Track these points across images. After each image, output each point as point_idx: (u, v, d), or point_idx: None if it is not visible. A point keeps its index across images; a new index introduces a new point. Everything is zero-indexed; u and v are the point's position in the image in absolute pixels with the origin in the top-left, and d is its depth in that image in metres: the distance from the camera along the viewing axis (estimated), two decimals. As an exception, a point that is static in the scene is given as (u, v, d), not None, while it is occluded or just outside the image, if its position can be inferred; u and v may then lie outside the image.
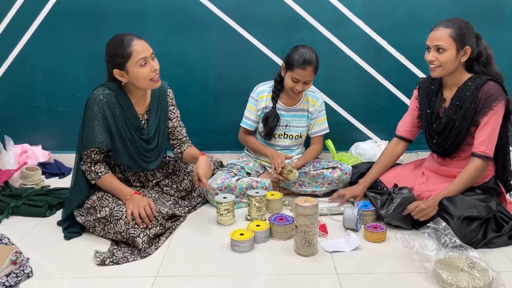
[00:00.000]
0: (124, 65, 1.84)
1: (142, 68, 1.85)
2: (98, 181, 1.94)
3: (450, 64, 1.88)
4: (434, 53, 1.88)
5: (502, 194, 2.02)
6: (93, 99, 1.88)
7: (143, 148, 2.03)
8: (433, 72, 1.93)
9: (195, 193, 2.28)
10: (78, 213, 1.93)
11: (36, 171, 2.57)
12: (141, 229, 1.78)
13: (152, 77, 1.88)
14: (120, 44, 1.83)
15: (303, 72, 2.17)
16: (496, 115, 1.86)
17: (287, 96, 2.38)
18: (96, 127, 1.87)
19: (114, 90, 1.92)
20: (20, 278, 1.56)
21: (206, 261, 1.71)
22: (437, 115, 2.01)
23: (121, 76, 1.87)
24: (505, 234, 1.78)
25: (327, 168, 2.33)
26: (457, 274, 1.48)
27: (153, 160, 2.10)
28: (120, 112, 1.92)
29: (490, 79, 1.90)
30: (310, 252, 1.72)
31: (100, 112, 1.87)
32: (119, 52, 1.83)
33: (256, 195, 2.04)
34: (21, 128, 2.88)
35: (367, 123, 2.86)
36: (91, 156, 1.91)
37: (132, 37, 1.85)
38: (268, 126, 2.36)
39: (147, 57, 1.86)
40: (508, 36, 2.67)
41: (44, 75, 2.80)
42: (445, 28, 1.87)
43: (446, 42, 1.85)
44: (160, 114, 2.10)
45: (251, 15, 2.69)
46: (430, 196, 1.96)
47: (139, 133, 2.00)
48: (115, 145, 1.93)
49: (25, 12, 2.70)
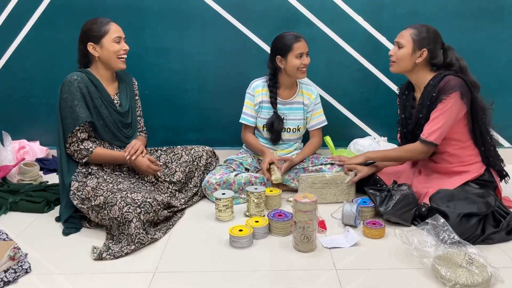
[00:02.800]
0: (100, 39, 2.02)
1: (116, 44, 2.05)
2: (91, 156, 2.02)
3: (404, 61, 2.00)
4: (395, 48, 2.04)
5: (497, 188, 2.03)
6: (68, 82, 2.00)
7: (120, 122, 2.14)
8: (390, 67, 2.09)
9: (191, 184, 2.29)
10: (73, 198, 1.94)
11: (34, 166, 2.57)
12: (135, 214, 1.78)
13: (120, 55, 2.06)
14: (100, 22, 2.04)
15: (301, 43, 2.27)
16: (445, 106, 1.91)
17: (282, 89, 2.40)
18: (77, 106, 1.97)
19: (84, 72, 2.05)
20: (19, 273, 1.56)
21: (205, 257, 1.71)
22: (409, 118, 2.09)
23: (93, 49, 2.03)
24: (503, 230, 1.79)
25: (326, 164, 2.33)
26: (456, 270, 1.49)
27: (131, 136, 2.21)
28: (94, 89, 2.05)
29: (449, 74, 1.94)
30: (309, 248, 1.72)
31: (77, 91, 1.98)
32: (97, 28, 2.02)
33: (255, 191, 2.04)
34: (19, 124, 2.87)
35: (366, 119, 2.86)
36: (77, 135, 1.99)
37: (109, 19, 2.07)
38: (275, 131, 2.40)
39: (122, 37, 2.07)
40: (507, 33, 2.66)
41: (41, 71, 2.79)
42: (410, 29, 2.01)
43: (405, 39, 1.99)
44: (130, 96, 2.23)
45: (250, 10, 2.68)
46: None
47: (113, 107, 2.11)
48: (95, 120, 2.03)
49: (22, 7, 2.69)
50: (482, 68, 2.67)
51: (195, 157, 2.33)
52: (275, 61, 2.32)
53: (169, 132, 2.87)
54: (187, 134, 2.89)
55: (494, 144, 2.03)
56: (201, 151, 2.37)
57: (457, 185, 1.95)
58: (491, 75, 2.70)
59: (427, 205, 1.88)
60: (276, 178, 2.23)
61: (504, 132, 2.84)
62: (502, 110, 2.71)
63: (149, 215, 1.83)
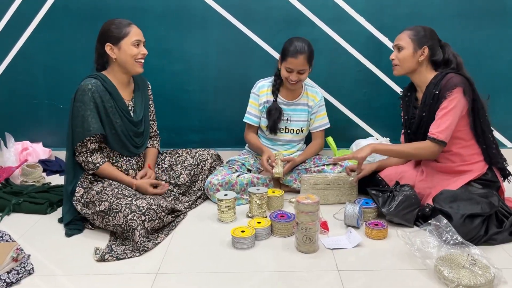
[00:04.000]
0: (119, 41, 1.99)
1: (135, 48, 2.01)
2: (98, 170, 2.00)
3: (407, 62, 2.01)
4: (395, 52, 2.06)
5: (500, 187, 2.03)
6: (82, 90, 1.96)
7: (132, 131, 2.11)
8: (394, 70, 2.08)
9: (195, 187, 2.29)
10: (77, 204, 1.93)
11: (37, 168, 2.57)
12: (140, 221, 1.78)
13: (138, 58, 2.03)
14: (120, 23, 2.01)
15: (295, 60, 2.21)
16: (450, 103, 1.90)
17: (287, 90, 2.41)
18: (89, 117, 1.94)
19: (100, 79, 2.02)
20: (21, 275, 1.56)
21: (207, 258, 1.71)
22: (412, 118, 2.08)
23: (111, 51, 2.00)
24: (505, 230, 1.78)
25: (328, 165, 2.33)
26: (459, 271, 1.48)
27: (141, 145, 2.20)
28: (109, 98, 2.02)
29: (450, 72, 1.95)
30: (311, 249, 1.72)
31: (91, 101, 1.96)
32: (118, 29, 1.99)
33: (257, 192, 2.04)
34: (21, 125, 2.88)
35: (368, 120, 2.86)
36: (86, 145, 1.97)
37: (130, 21, 2.04)
38: (272, 119, 2.38)
39: (141, 41, 2.04)
40: (509, 33, 2.66)
41: (44, 72, 2.80)
42: (406, 30, 2.04)
43: (404, 41, 2.01)
44: (144, 102, 2.21)
45: (252, 11, 2.68)
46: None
47: (128, 116, 2.08)
48: (106, 130, 2.00)
49: (25, 9, 2.70)
50: (484, 68, 2.66)
51: (200, 161, 2.33)
52: (278, 59, 2.34)
53: (172, 133, 2.88)
54: (190, 135, 2.90)
55: (496, 142, 2.02)
56: (206, 154, 2.37)
57: (460, 185, 1.94)
58: (493, 75, 2.69)
59: (431, 206, 1.88)
60: (277, 172, 2.22)
61: (506, 132, 2.83)
62: (504, 110, 2.71)
63: (154, 222, 1.83)
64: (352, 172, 2.19)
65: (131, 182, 2.07)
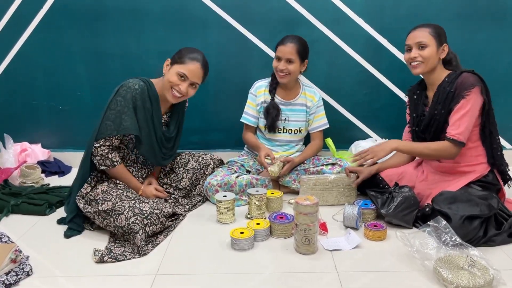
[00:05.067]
0: (174, 64, 2.01)
1: (177, 78, 2.00)
2: (112, 169, 1.99)
3: (432, 59, 1.97)
4: (416, 50, 1.99)
5: (501, 190, 2.03)
6: (128, 87, 1.95)
7: (162, 143, 2.11)
8: (416, 69, 2.01)
9: (195, 192, 2.28)
10: (80, 200, 1.93)
11: (35, 169, 2.57)
12: (142, 225, 1.78)
13: (174, 87, 2.00)
14: (191, 52, 2.03)
15: (284, 47, 2.25)
16: (468, 102, 1.90)
17: (284, 90, 2.42)
18: (125, 114, 1.93)
19: (147, 84, 2.01)
20: (20, 276, 1.56)
21: (206, 259, 1.71)
22: (421, 116, 2.07)
23: (166, 66, 2.05)
24: (504, 232, 1.78)
25: (327, 165, 2.34)
26: (458, 273, 1.48)
27: (168, 158, 2.20)
28: (149, 105, 2.00)
29: (465, 71, 1.96)
30: (310, 250, 1.72)
31: (132, 100, 1.94)
32: (183, 54, 2.01)
33: (256, 193, 2.04)
34: (20, 126, 2.88)
35: (367, 121, 2.86)
36: (111, 141, 1.96)
37: (200, 60, 2.04)
38: (270, 117, 2.38)
39: (189, 78, 2.01)
40: (508, 34, 2.67)
41: (43, 73, 2.80)
42: (424, 27, 2.00)
43: (427, 38, 1.97)
44: (179, 120, 2.22)
45: (251, 13, 2.68)
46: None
47: (161, 129, 2.08)
48: (141, 133, 1.98)
49: (24, 10, 2.70)
50: (484, 69, 2.63)
51: (202, 165, 2.32)
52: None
53: (171, 135, 2.88)
54: (189, 137, 2.89)
55: (500, 145, 2.03)
56: (209, 159, 2.36)
57: (460, 186, 1.94)
58: (493, 76, 2.69)
59: (431, 206, 1.87)
60: (272, 171, 2.21)
61: (506, 134, 2.83)
62: (504, 112, 2.71)
63: (155, 226, 1.83)
64: (352, 173, 2.19)
65: (138, 187, 2.07)
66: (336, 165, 2.33)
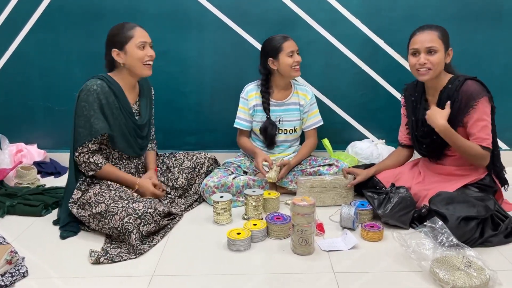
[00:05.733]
0: (124, 45, 1.97)
1: (140, 50, 1.99)
2: (99, 171, 1.98)
3: (440, 65, 1.91)
4: (425, 55, 1.89)
5: (498, 191, 2.04)
6: (87, 90, 1.94)
7: (136, 133, 2.11)
8: (424, 76, 1.92)
9: (192, 191, 2.28)
10: (73, 206, 1.92)
11: (31, 170, 2.56)
12: (135, 225, 1.77)
13: (146, 61, 2.01)
14: (124, 27, 1.99)
15: (290, 42, 2.30)
16: (480, 111, 1.89)
17: (277, 91, 2.42)
18: (93, 117, 1.93)
19: (105, 80, 2.00)
20: (16, 277, 1.55)
21: (203, 260, 1.70)
22: (422, 121, 2.04)
23: (117, 55, 1.99)
24: (501, 233, 1.78)
25: (324, 166, 2.34)
26: (454, 273, 1.48)
27: (144, 147, 2.22)
28: (114, 99, 2.00)
29: (468, 78, 1.93)
30: (307, 251, 1.72)
31: (95, 102, 1.94)
32: (122, 33, 1.97)
33: (253, 194, 2.04)
34: (16, 127, 2.86)
35: (364, 122, 2.87)
36: (88, 146, 1.96)
37: (135, 24, 2.02)
38: (269, 136, 2.40)
39: (147, 42, 2.01)
40: (505, 35, 2.67)
41: (39, 74, 2.79)
42: (432, 30, 1.90)
43: (437, 43, 1.88)
44: (149, 106, 2.22)
45: (248, 13, 2.68)
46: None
47: (132, 118, 2.08)
48: (112, 130, 1.99)
49: (20, 10, 2.69)
50: (480, 71, 2.65)
51: (197, 164, 2.33)
52: (267, 64, 2.33)
53: (167, 135, 2.87)
54: (185, 137, 2.89)
55: (499, 151, 2.03)
56: (203, 158, 2.36)
57: (457, 188, 1.95)
58: (489, 77, 2.68)
59: (427, 206, 1.88)
60: (270, 177, 2.21)
61: (502, 135, 2.84)
62: (499, 113, 2.70)
63: (150, 226, 1.82)
64: (349, 174, 2.19)
65: (133, 181, 2.06)
66: (333, 166, 2.33)
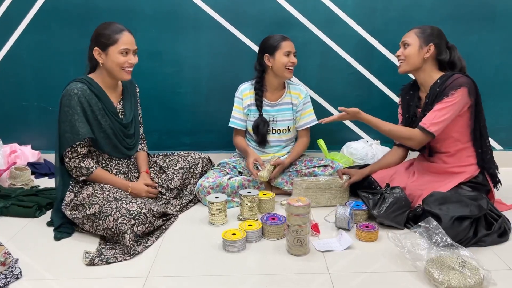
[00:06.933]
0: (107, 47, 1.94)
1: (122, 56, 1.96)
2: (91, 176, 1.97)
3: (412, 58, 2.03)
4: (401, 49, 2.08)
5: (490, 191, 2.05)
6: (68, 95, 1.93)
7: (123, 133, 2.10)
8: (399, 68, 2.09)
9: (187, 191, 2.28)
10: (66, 208, 1.92)
11: (25, 171, 2.55)
12: (129, 225, 1.77)
13: (125, 67, 1.98)
14: (112, 28, 1.95)
15: (289, 43, 2.31)
16: (450, 100, 1.92)
17: (271, 92, 2.43)
18: (77, 121, 1.91)
19: (86, 82, 1.98)
20: (9, 279, 1.54)
21: (198, 261, 1.70)
22: (414, 117, 2.09)
23: (99, 56, 1.96)
24: (494, 232, 1.80)
25: (319, 167, 2.34)
26: (448, 273, 1.49)
27: (133, 147, 2.19)
28: (96, 101, 1.98)
29: (458, 73, 1.98)
30: (302, 252, 1.72)
31: (77, 106, 1.92)
32: (108, 34, 1.94)
33: (248, 194, 2.04)
34: (10, 128, 2.85)
35: (358, 123, 2.87)
36: (77, 150, 1.94)
37: (124, 28, 1.98)
38: (260, 134, 2.40)
39: (130, 50, 1.98)
40: (499, 36, 2.69)
41: (33, 74, 2.78)
42: (415, 28, 2.07)
43: (410, 37, 2.04)
44: (133, 104, 2.19)
45: (243, 14, 2.68)
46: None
47: (117, 118, 2.07)
48: (95, 133, 1.98)
49: (14, 11, 2.68)
50: (474, 72, 2.65)
51: (191, 164, 2.32)
52: (263, 60, 2.33)
53: (163, 136, 2.87)
54: (181, 138, 2.89)
55: (491, 149, 2.05)
56: (197, 158, 2.36)
57: (451, 187, 1.96)
58: (483, 78, 2.71)
59: (422, 206, 1.89)
60: (261, 176, 2.21)
61: (496, 136, 2.86)
62: (493, 113, 2.74)
63: (144, 226, 1.81)
64: (344, 175, 2.20)
65: (125, 184, 2.05)
66: (328, 166, 2.33)
